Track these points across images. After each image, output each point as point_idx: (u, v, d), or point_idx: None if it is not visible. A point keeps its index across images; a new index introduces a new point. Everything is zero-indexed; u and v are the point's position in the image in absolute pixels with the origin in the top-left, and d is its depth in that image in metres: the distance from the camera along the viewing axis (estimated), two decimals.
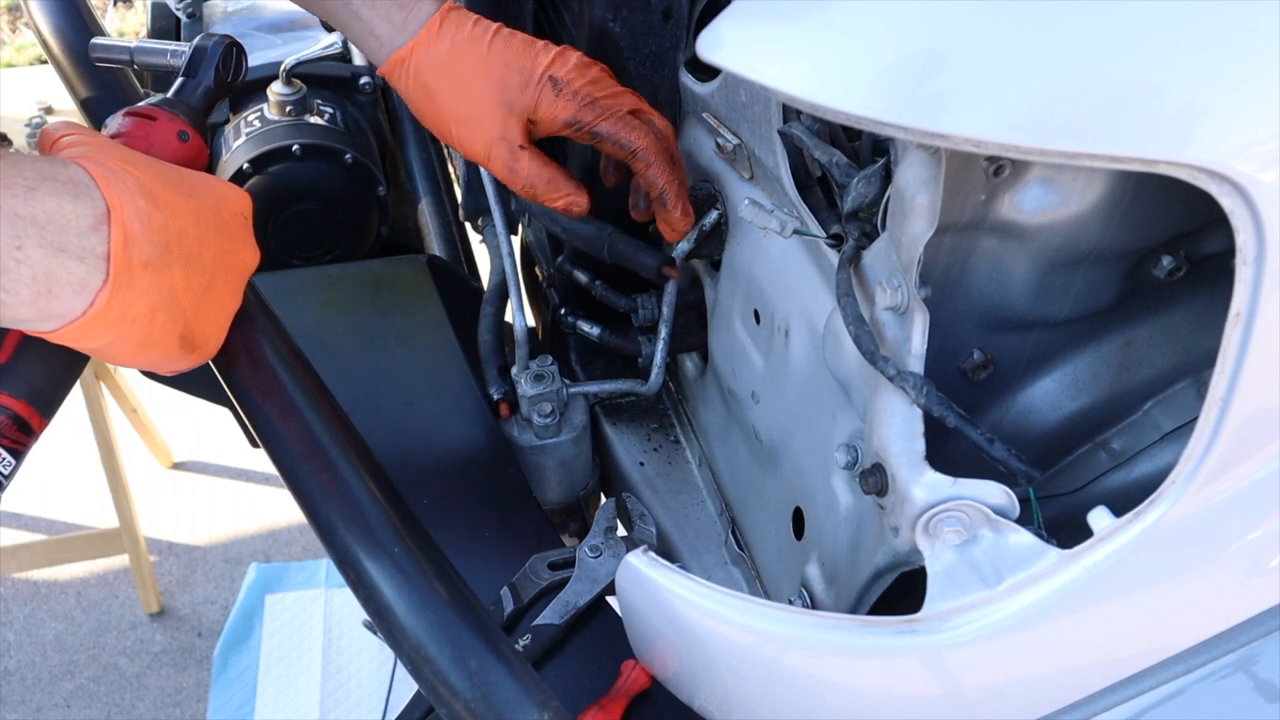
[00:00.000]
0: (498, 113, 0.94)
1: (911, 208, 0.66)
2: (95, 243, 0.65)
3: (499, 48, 0.94)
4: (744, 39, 0.62)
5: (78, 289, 0.65)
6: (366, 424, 0.84)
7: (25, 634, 2.31)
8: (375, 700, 1.99)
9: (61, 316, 0.65)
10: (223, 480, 2.61)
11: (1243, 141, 0.51)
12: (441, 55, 0.93)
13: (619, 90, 0.97)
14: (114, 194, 0.66)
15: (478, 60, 0.93)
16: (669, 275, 1.03)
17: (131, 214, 0.66)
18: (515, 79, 0.93)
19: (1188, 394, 0.82)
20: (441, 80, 0.94)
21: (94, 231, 0.65)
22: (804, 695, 0.72)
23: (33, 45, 3.87)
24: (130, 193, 0.67)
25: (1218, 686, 0.67)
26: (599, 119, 0.94)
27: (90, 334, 0.67)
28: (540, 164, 0.96)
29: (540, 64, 0.93)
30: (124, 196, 0.66)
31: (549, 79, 0.93)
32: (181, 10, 1.61)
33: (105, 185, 0.66)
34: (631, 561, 0.77)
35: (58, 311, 0.65)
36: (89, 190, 0.65)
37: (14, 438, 0.70)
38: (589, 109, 0.94)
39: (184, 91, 0.84)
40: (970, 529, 0.66)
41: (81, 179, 0.65)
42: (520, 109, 0.94)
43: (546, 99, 0.93)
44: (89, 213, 0.65)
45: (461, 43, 0.93)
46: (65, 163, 0.66)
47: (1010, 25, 0.53)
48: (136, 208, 0.67)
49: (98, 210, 0.65)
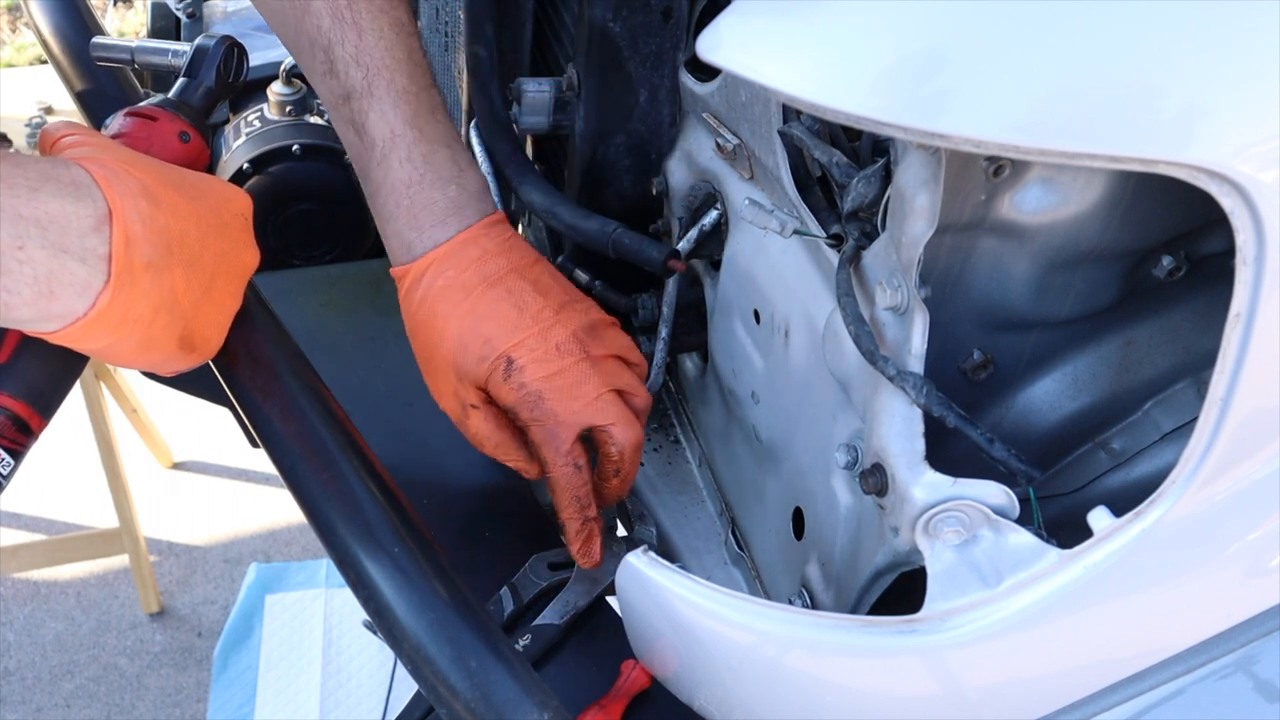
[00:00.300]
0: (451, 375, 0.89)
1: (911, 208, 0.66)
2: (97, 244, 0.65)
3: (483, 304, 0.87)
4: (744, 39, 0.62)
5: (79, 290, 0.65)
6: (366, 424, 0.84)
7: (25, 634, 2.31)
8: (375, 700, 1.99)
9: (63, 317, 0.65)
10: (223, 480, 2.61)
11: (1243, 141, 0.51)
12: (429, 292, 0.89)
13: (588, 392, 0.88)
14: (116, 195, 0.66)
15: (454, 314, 0.88)
16: (674, 268, 1.02)
17: (133, 215, 0.66)
18: (474, 349, 0.87)
19: (1188, 394, 0.82)
20: (417, 320, 0.90)
21: (96, 233, 0.65)
22: (804, 695, 0.72)
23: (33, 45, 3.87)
24: (132, 194, 0.67)
25: (1218, 686, 0.67)
26: (532, 423, 0.87)
27: (91, 335, 0.67)
28: (491, 427, 0.90)
29: (505, 342, 0.87)
30: (126, 198, 0.66)
31: (506, 359, 0.86)
32: (181, 10, 1.61)
33: (107, 186, 0.66)
34: (631, 561, 0.77)
35: (59, 312, 0.65)
36: (91, 191, 0.65)
37: (13, 438, 0.70)
38: (528, 407, 0.87)
39: (185, 92, 0.84)
40: (970, 529, 0.66)
41: (83, 180, 0.65)
42: (472, 378, 0.88)
43: (495, 379, 0.87)
44: (91, 214, 0.65)
45: (452, 287, 0.88)
46: (67, 164, 0.66)
47: (1010, 25, 0.53)
48: (138, 209, 0.67)
49: (99, 211, 0.65)
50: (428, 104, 0.90)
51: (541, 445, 0.88)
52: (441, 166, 0.89)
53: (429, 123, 0.90)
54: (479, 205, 0.91)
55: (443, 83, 1.45)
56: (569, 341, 0.88)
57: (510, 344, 0.86)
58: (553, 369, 0.87)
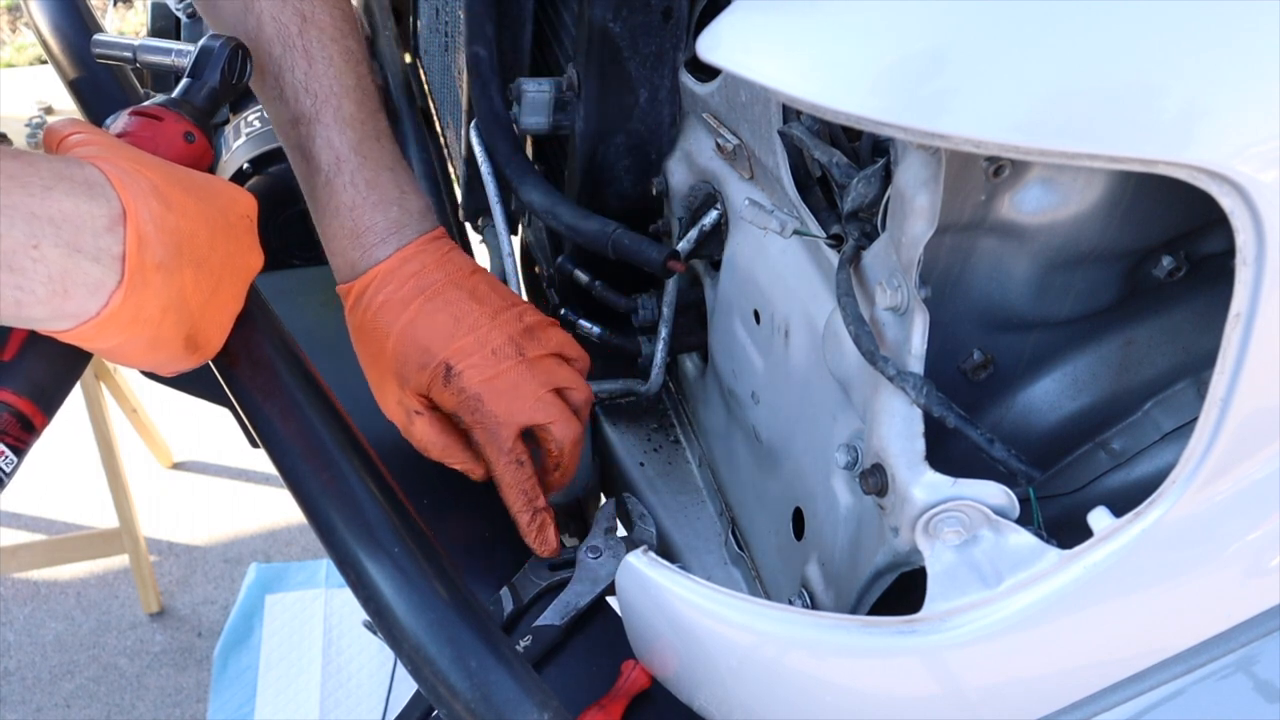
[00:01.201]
0: (394, 384, 0.93)
1: (911, 208, 0.66)
2: (111, 243, 0.65)
3: (422, 317, 0.91)
4: (744, 39, 0.62)
5: (93, 289, 0.65)
6: (366, 424, 0.84)
7: (25, 634, 2.31)
8: (375, 700, 1.99)
9: (76, 316, 0.65)
10: (223, 480, 2.61)
11: (1243, 141, 0.51)
12: (370, 308, 0.92)
13: (527, 392, 0.91)
14: (129, 195, 0.66)
15: (395, 327, 0.91)
16: (674, 269, 1.03)
17: (146, 215, 0.67)
18: (415, 358, 0.91)
19: (1188, 394, 0.82)
20: (360, 335, 0.95)
21: (109, 232, 0.65)
22: (804, 695, 0.72)
23: (33, 45, 3.87)
24: (144, 194, 0.67)
25: (1218, 686, 0.67)
26: (475, 425, 0.91)
27: (103, 334, 0.67)
28: (436, 431, 0.93)
29: (445, 348, 0.90)
30: (139, 198, 0.66)
31: (444, 366, 0.90)
32: (181, 10, 1.61)
33: (120, 186, 0.66)
34: (631, 562, 0.77)
35: (72, 311, 0.65)
36: (104, 191, 0.65)
37: (16, 435, 0.70)
38: (470, 411, 0.90)
39: (189, 92, 0.84)
40: (970, 529, 0.66)
41: (97, 179, 0.65)
42: (414, 385, 0.92)
43: (436, 386, 0.91)
44: (104, 213, 0.65)
45: (392, 303, 0.91)
46: (80, 163, 0.66)
47: (1010, 25, 0.53)
48: (150, 209, 0.67)
49: (113, 211, 0.65)
50: (373, 130, 0.94)
51: (485, 445, 0.91)
52: (385, 189, 0.93)
53: (374, 148, 0.93)
54: (419, 224, 0.94)
55: (443, 83, 1.45)
56: (505, 346, 0.91)
57: (448, 352, 0.90)
58: (490, 373, 0.90)
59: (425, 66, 1.62)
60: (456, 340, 0.90)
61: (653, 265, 1.03)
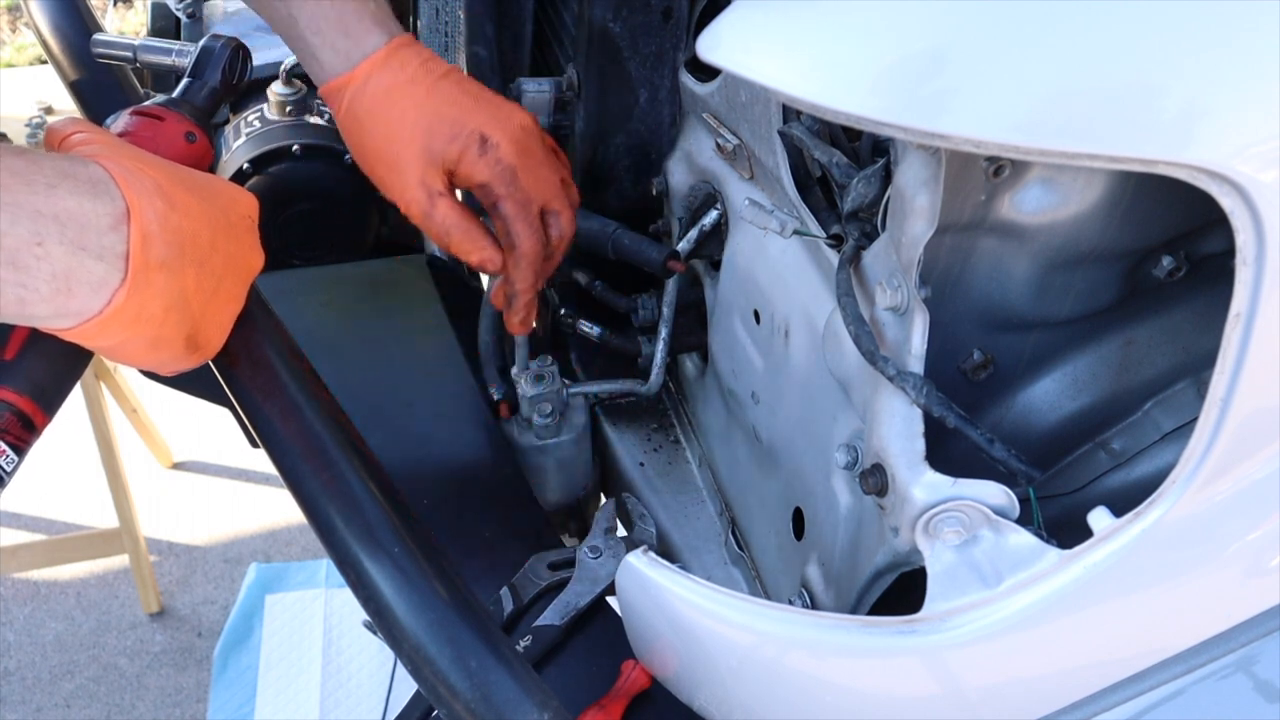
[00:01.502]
0: (419, 160, 0.91)
1: (911, 208, 0.66)
2: (115, 242, 0.65)
3: (438, 93, 0.90)
4: (744, 39, 0.62)
5: (96, 287, 0.65)
6: (366, 424, 0.84)
7: (25, 634, 2.31)
8: (375, 700, 1.99)
9: (79, 314, 0.65)
10: (223, 480, 2.61)
11: (1243, 141, 0.51)
12: (378, 92, 0.90)
13: (546, 175, 0.93)
14: (134, 194, 0.66)
15: (412, 103, 0.90)
16: (674, 269, 1.03)
17: (150, 214, 0.67)
18: (444, 129, 0.89)
19: (1188, 394, 0.82)
20: (373, 117, 0.91)
21: (113, 231, 0.65)
22: (804, 695, 0.72)
23: (33, 45, 3.87)
24: (148, 193, 0.67)
25: (1218, 686, 0.67)
26: (507, 197, 0.91)
27: (105, 332, 0.67)
28: (458, 214, 0.92)
29: (474, 119, 0.90)
30: (143, 196, 0.67)
31: (479, 136, 0.89)
32: (181, 10, 1.61)
33: (125, 185, 0.66)
34: (631, 562, 0.77)
35: (75, 309, 0.65)
36: (109, 189, 0.65)
37: (17, 434, 0.70)
38: (504, 182, 0.90)
39: (189, 92, 0.84)
40: (970, 529, 0.66)
41: (101, 178, 0.66)
42: (442, 160, 0.90)
43: (470, 156, 0.90)
44: (109, 211, 0.65)
45: (401, 83, 0.90)
46: (85, 161, 0.66)
47: (1010, 25, 0.53)
48: (154, 208, 0.67)
49: (118, 210, 0.65)
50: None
51: (514, 220, 0.92)
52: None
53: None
54: (395, 22, 0.94)
55: None
56: (531, 125, 0.93)
57: (479, 122, 0.90)
58: (522, 148, 0.91)
59: None
60: (483, 113, 0.90)
61: (653, 265, 1.03)
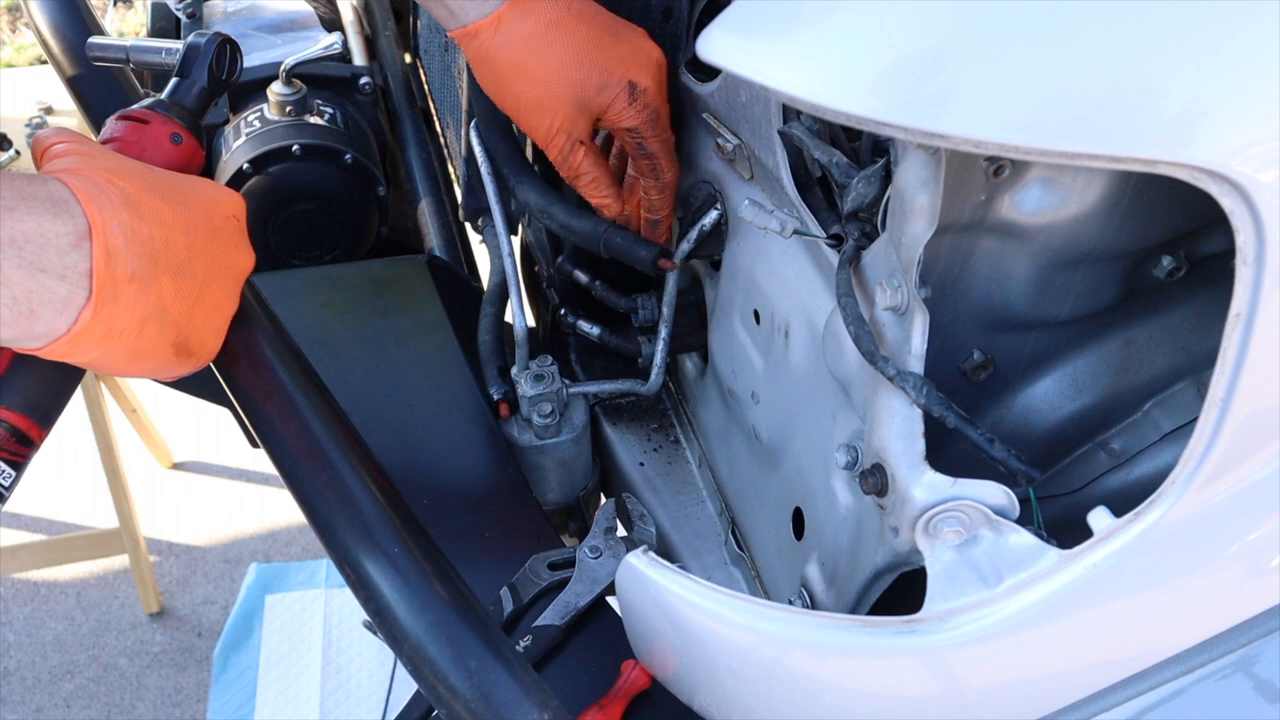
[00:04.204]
0: (568, 108, 0.94)
1: (911, 208, 0.66)
2: (77, 260, 0.64)
3: (583, 40, 0.92)
4: (743, 39, 0.62)
5: (60, 307, 0.64)
6: (366, 424, 0.84)
7: (25, 634, 2.31)
8: (375, 700, 1.99)
9: (46, 335, 0.65)
10: (223, 480, 2.61)
11: (1243, 141, 0.51)
12: (521, 37, 0.92)
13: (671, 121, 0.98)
14: (95, 209, 0.65)
15: (560, 50, 0.92)
16: (664, 268, 1.03)
17: (114, 228, 0.66)
18: (594, 79, 0.93)
19: (1188, 394, 0.82)
20: (518, 63, 0.93)
21: (75, 249, 0.64)
22: (804, 696, 0.72)
23: (33, 45, 3.87)
24: (113, 206, 0.66)
25: (1218, 686, 0.67)
26: (654, 138, 0.96)
27: (77, 350, 0.66)
28: (593, 161, 0.99)
29: (620, 66, 0.93)
30: (106, 211, 0.66)
31: (628, 84, 0.93)
32: (181, 10, 1.60)
33: (86, 201, 0.65)
34: (631, 562, 0.77)
35: (41, 331, 0.64)
36: (69, 207, 0.65)
37: (13, 450, 0.70)
38: (652, 125, 0.95)
39: (178, 92, 0.83)
40: (970, 529, 0.66)
41: (62, 195, 0.65)
42: (591, 109, 0.94)
43: (619, 104, 0.94)
44: (69, 230, 0.64)
45: (544, 27, 0.91)
46: (45, 179, 0.65)
47: (1010, 26, 0.53)
48: (120, 221, 0.66)
49: (79, 227, 0.64)
50: None
51: (660, 156, 0.98)
52: None
53: None
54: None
55: (443, 83, 1.45)
56: (664, 59, 0.97)
57: (626, 68, 0.93)
58: (662, 87, 0.96)
59: (425, 66, 1.61)
60: (628, 54, 0.93)
61: (643, 264, 1.03)
